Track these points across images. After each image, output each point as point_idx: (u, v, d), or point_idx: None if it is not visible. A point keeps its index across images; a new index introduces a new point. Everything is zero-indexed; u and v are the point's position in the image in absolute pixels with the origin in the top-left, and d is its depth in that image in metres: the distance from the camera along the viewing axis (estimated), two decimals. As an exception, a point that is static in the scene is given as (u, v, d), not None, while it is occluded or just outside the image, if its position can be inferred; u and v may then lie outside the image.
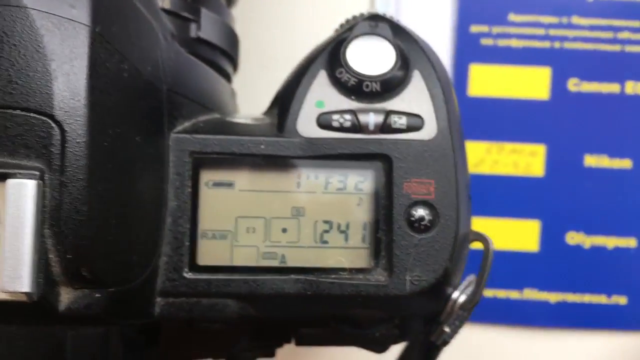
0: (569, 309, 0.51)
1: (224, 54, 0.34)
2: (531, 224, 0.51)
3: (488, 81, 0.51)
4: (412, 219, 0.27)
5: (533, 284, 0.51)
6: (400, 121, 0.27)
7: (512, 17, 0.51)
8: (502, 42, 0.51)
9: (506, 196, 0.51)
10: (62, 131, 0.21)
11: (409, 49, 0.28)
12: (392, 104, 0.27)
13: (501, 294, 0.51)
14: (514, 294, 0.51)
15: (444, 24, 0.51)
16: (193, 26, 0.32)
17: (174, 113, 0.27)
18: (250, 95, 0.38)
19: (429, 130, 0.27)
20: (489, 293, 0.51)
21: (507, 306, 0.51)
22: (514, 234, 0.51)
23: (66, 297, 0.22)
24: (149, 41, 0.26)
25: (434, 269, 0.26)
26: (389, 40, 0.28)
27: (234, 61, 0.36)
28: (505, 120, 0.51)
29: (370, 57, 0.28)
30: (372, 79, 0.27)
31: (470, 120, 0.51)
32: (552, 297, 0.51)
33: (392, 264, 0.26)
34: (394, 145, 0.27)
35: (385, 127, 0.27)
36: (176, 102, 0.27)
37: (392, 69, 0.27)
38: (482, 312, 0.51)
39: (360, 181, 0.27)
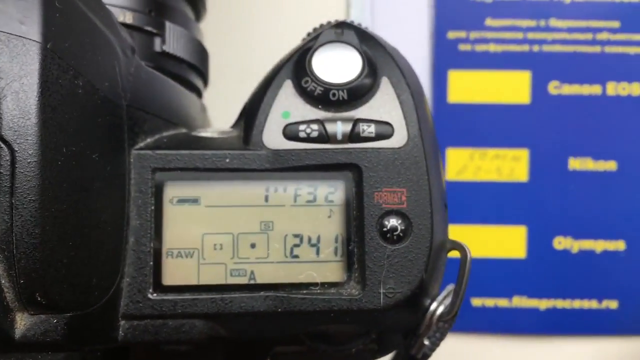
0: (559, 315, 0.51)
1: (191, 68, 0.33)
2: (517, 230, 0.51)
3: (468, 87, 0.51)
4: (385, 229, 0.26)
5: (522, 291, 0.51)
6: (369, 129, 0.26)
7: (489, 21, 0.51)
8: (480, 47, 0.51)
9: (491, 202, 0.50)
10: (12, 151, 0.21)
11: (377, 55, 0.27)
12: (360, 112, 0.27)
13: (489, 302, 0.51)
14: (502, 302, 0.51)
15: (421, 30, 0.51)
16: (157, 40, 0.31)
17: (135, 129, 0.26)
18: (228, 110, 0.37)
19: (399, 138, 0.27)
20: (477, 302, 0.50)
21: (496, 314, 0.51)
22: (500, 241, 0.50)
23: (22, 323, 0.21)
24: (106, 56, 0.25)
25: (409, 280, 0.26)
26: (356, 47, 0.27)
27: (203, 75, 0.35)
28: (487, 125, 0.51)
29: (337, 65, 0.27)
30: (338, 87, 0.27)
31: (451, 127, 0.50)
32: (542, 303, 0.51)
33: (365, 276, 0.25)
34: (363, 154, 0.26)
35: (353, 136, 0.26)
36: (137, 117, 0.26)
37: (359, 77, 0.27)
38: (471, 321, 0.50)
39: (330, 192, 0.26)
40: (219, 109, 0.38)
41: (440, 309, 0.27)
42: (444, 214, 0.27)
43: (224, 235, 0.26)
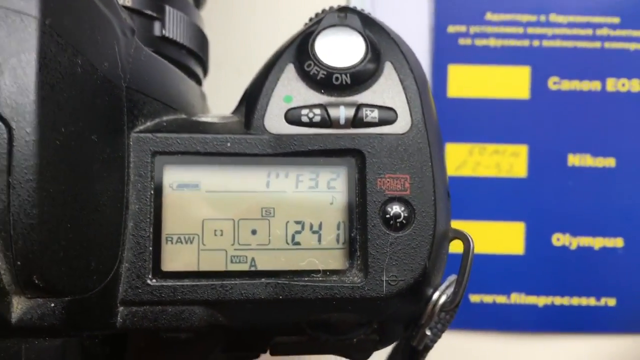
0: (558, 313, 0.50)
1: (191, 54, 0.33)
2: (516, 226, 0.50)
3: (467, 82, 0.50)
4: (387, 216, 0.25)
5: (520, 288, 0.50)
6: (372, 114, 0.26)
7: (490, 16, 0.50)
8: (479, 42, 0.50)
9: (489, 198, 0.50)
10: (9, 129, 0.20)
11: (380, 40, 0.27)
12: (364, 97, 0.26)
13: (488, 298, 0.50)
14: (501, 299, 0.50)
15: (421, 24, 0.51)
16: (157, 24, 0.31)
17: (135, 111, 0.25)
18: (227, 101, 0.37)
19: (402, 124, 0.26)
20: (475, 298, 0.50)
21: (494, 311, 0.50)
22: (499, 237, 0.50)
23: (19, 307, 0.21)
24: (106, 36, 0.24)
25: (412, 269, 0.25)
26: (359, 32, 0.27)
27: (203, 62, 0.35)
28: (486, 121, 0.50)
29: (340, 49, 0.27)
30: (341, 71, 0.26)
31: (451, 122, 0.50)
32: (540, 300, 0.50)
33: (368, 264, 0.25)
34: (366, 139, 0.26)
35: (356, 121, 0.26)
36: (137, 100, 0.25)
37: (362, 61, 0.26)
38: (469, 317, 0.50)
39: (332, 178, 0.26)
40: (220, 101, 0.37)
41: (443, 299, 0.27)
42: (447, 202, 0.27)
43: (225, 221, 0.25)
